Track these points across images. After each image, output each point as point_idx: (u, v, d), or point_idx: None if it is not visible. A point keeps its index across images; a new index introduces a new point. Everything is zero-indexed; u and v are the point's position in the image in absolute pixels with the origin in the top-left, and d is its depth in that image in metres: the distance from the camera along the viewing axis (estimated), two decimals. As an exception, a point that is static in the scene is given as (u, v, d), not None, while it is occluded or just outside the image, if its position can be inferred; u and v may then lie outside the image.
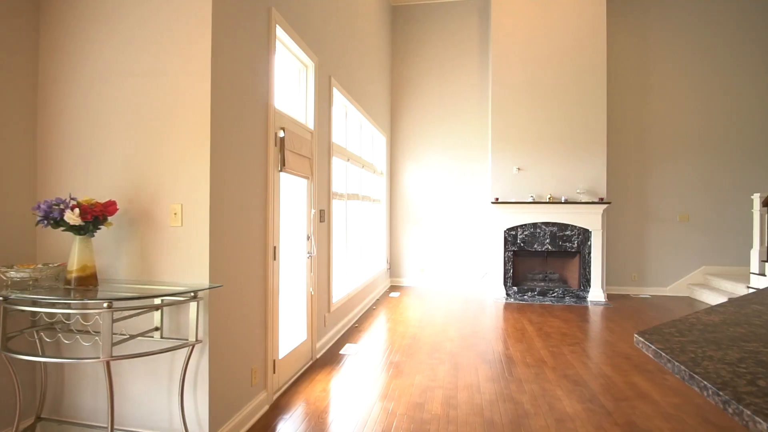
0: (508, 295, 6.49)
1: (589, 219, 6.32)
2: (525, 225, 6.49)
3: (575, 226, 6.37)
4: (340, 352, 3.89)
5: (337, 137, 4.45)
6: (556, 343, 4.20)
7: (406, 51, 7.33)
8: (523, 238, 6.50)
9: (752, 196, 5.76)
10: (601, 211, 6.28)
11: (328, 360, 3.69)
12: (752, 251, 5.62)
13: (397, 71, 7.35)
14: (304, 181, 3.48)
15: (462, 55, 7.18)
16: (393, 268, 7.38)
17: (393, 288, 7.02)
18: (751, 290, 5.56)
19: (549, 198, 6.38)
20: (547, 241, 6.44)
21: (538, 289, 6.50)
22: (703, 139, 6.67)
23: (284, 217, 3.14)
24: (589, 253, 6.36)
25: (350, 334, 4.47)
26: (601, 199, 6.31)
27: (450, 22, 7.21)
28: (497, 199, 6.51)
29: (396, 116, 7.37)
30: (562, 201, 6.32)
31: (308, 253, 3.52)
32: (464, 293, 6.70)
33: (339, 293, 4.50)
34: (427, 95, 7.28)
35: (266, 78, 2.73)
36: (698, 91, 6.68)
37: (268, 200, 2.75)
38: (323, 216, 3.88)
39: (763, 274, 5.43)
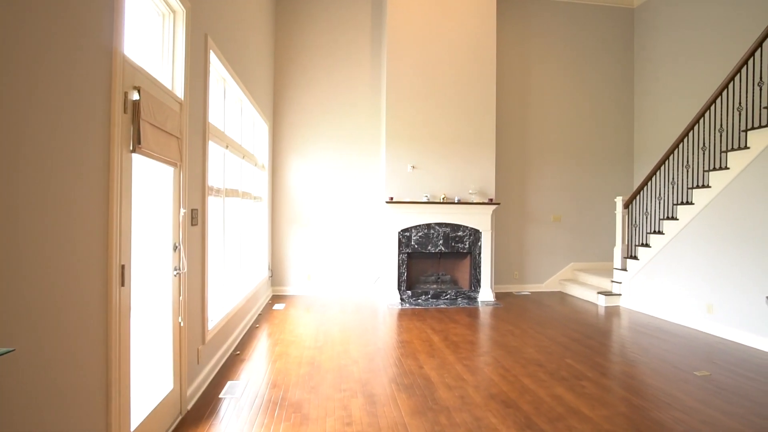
0: (402, 300, 6.13)
1: (480, 219, 6.31)
2: (419, 226, 6.21)
3: (467, 227, 6.31)
4: (220, 395, 2.97)
5: (214, 117, 3.48)
6: (467, 355, 3.89)
7: (291, 34, 6.47)
8: (417, 239, 6.21)
9: (615, 199, 6.35)
10: (491, 212, 6.33)
11: (203, 410, 2.75)
12: (615, 249, 6.19)
13: (282, 54, 6.46)
14: (170, 170, 2.50)
15: (353, 45, 6.61)
16: (276, 276, 6.47)
17: (276, 299, 6.12)
18: (614, 284, 6.11)
19: (443, 198, 6.20)
20: (441, 242, 6.26)
21: (431, 291, 6.28)
22: (572, 146, 7.23)
23: (139, 221, 2.16)
24: (480, 253, 6.36)
25: (231, 366, 3.54)
26: (491, 200, 6.36)
27: (341, 10, 6.58)
28: (391, 198, 6.11)
29: (280, 103, 6.47)
30: (456, 201, 6.20)
31: (175, 269, 2.55)
32: (357, 300, 6.15)
33: (216, 316, 3.53)
34: (315, 84, 6.53)
35: (110, 9, 1.76)
36: (567, 102, 7.21)
37: (112, 196, 1.78)
38: (196, 217, 2.91)
39: (625, 269, 5.99)
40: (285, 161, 6.49)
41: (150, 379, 2.35)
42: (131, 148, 1.96)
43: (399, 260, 6.17)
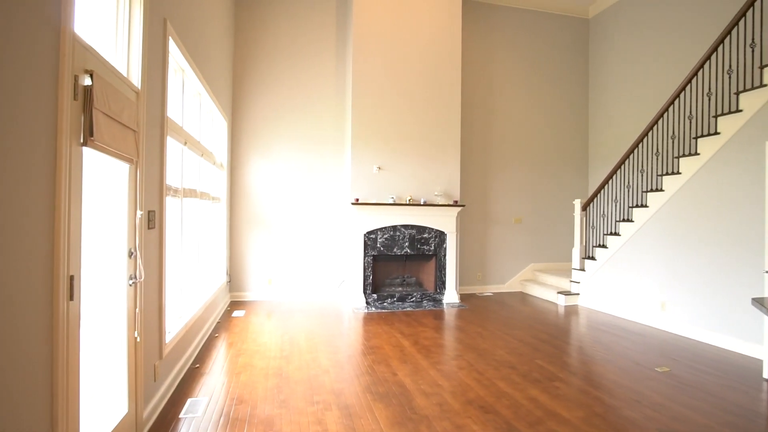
0: (368, 303, 6.01)
1: (445, 221, 6.31)
2: (385, 228, 6.11)
3: (433, 229, 6.29)
4: (180, 415, 2.71)
5: (172, 110, 3.19)
6: (440, 359, 3.83)
7: (252, 28, 6.17)
8: (383, 241, 6.11)
9: (574, 202, 6.55)
10: (456, 214, 6.34)
11: (162, 433, 2.49)
12: (573, 249, 6.38)
13: (242, 49, 6.14)
14: (125, 167, 2.24)
15: (317, 45, 6.41)
16: (234, 282, 6.14)
17: (235, 305, 5.80)
18: (573, 284, 6.30)
19: (409, 200, 6.14)
20: (407, 244, 6.20)
21: (397, 294, 6.19)
22: (532, 150, 7.40)
23: (90, 225, 1.90)
24: (445, 255, 6.35)
25: (190, 381, 3.26)
26: (456, 202, 6.38)
27: (304, 9, 6.36)
28: (357, 200, 5.97)
29: (239, 99, 6.15)
30: (422, 203, 6.16)
31: (131, 278, 2.28)
32: (321, 305, 5.95)
33: (174, 327, 3.24)
34: (277, 82, 6.27)
35: (56, -25, 1.52)
36: (527, 107, 7.38)
37: (60, 196, 1.54)
38: (153, 220, 2.64)
39: (583, 270, 6.19)
40: (245, 160, 6.17)
41: (102, 404, 2.08)
42: (82, 141, 1.71)
43: (364, 263, 6.04)
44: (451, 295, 6.31)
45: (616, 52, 7.03)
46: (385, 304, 6.07)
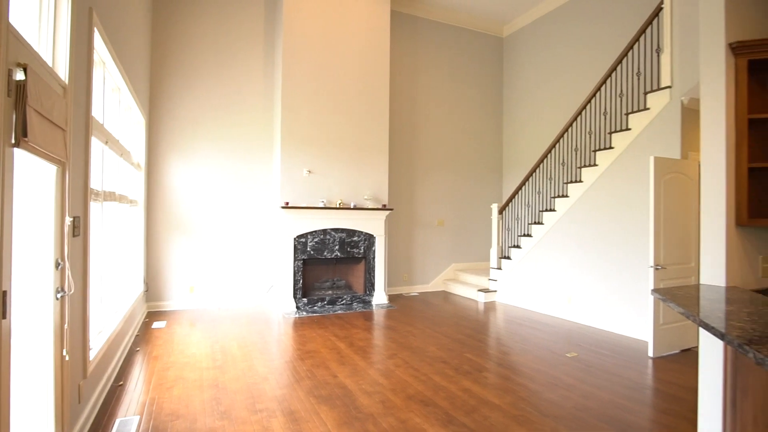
0: (298, 308, 5.95)
1: (374, 225, 6.47)
2: (316, 231, 6.11)
3: (362, 232, 6.41)
4: (110, 436, 2.52)
5: (94, 106, 2.93)
6: (377, 359, 3.95)
7: (172, 21, 5.79)
8: (314, 245, 6.10)
9: (491, 206, 7.09)
10: (384, 217, 6.53)
11: (91, 458, 2.30)
12: (491, 250, 6.91)
13: (161, 42, 5.74)
14: (52, 169, 2.04)
15: (245, 44, 6.21)
16: (152, 291, 5.71)
17: (154, 316, 5.40)
18: (491, 282, 6.81)
19: (339, 203, 6.20)
20: (337, 247, 6.25)
21: (327, 298, 6.22)
22: (453, 157, 7.86)
23: (20, 234, 1.72)
24: (374, 258, 6.51)
25: (116, 400, 3.01)
26: (384, 205, 6.57)
27: (230, 5, 6.14)
28: (287, 203, 5.89)
29: (158, 95, 5.74)
30: (352, 207, 6.25)
31: (59, 291, 2.08)
32: (249, 311, 5.77)
33: (96, 343, 2.97)
34: (201, 79, 5.96)
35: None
36: (448, 116, 7.83)
37: (-5, 201, 1.39)
38: (78, 227, 2.42)
39: (500, 268, 6.73)
40: (164, 160, 5.78)
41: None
42: (14, 142, 1.55)
43: (294, 267, 5.98)
44: (380, 297, 6.48)
45: (527, 69, 7.74)
46: (315, 307, 6.06)
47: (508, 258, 6.56)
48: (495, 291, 6.73)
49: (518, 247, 6.39)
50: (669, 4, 4.48)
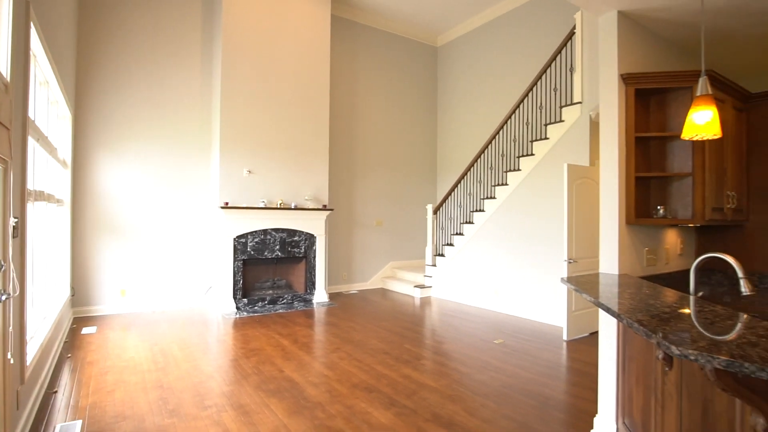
0: (238, 308, 5.93)
1: (315, 225, 6.60)
2: (256, 232, 6.12)
3: (303, 232, 6.51)
4: (51, 441, 2.47)
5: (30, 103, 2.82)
6: (321, 353, 4.12)
7: (102, 10, 5.50)
8: (254, 245, 6.11)
9: (426, 206, 7.50)
10: (325, 217, 6.68)
11: (33, 463, 2.26)
12: (426, 248, 7.31)
13: (91, 33, 5.43)
14: (-4, 169, 2.00)
15: (181, 39, 6.04)
16: (79, 295, 5.40)
17: (82, 321, 5.12)
18: (427, 278, 7.22)
19: (280, 204, 6.25)
20: (277, 247, 6.30)
21: (268, 297, 6.25)
22: (391, 159, 8.19)
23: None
24: (314, 257, 6.64)
25: (52, 407, 2.91)
26: (325, 206, 6.72)
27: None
28: (227, 203, 5.85)
29: (85, 89, 5.43)
30: (292, 207, 6.33)
31: (2, 293, 2.04)
32: (187, 314, 5.65)
33: (31, 348, 2.86)
34: (132, 73, 5.72)
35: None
36: (386, 120, 8.15)
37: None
38: (16, 228, 2.36)
39: (435, 265, 7.15)
40: (92, 158, 5.48)
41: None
42: (-32, 143, 1.55)
43: (234, 267, 5.94)
44: (320, 295, 6.62)
45: (459, 77, 8.26)
46: (256, 307, 6.07)
47: (442, 255, 6.99)
48: (430, 287, 7.14)
49: (451, 245, 6.85)
50: (580, 30, 5.11)
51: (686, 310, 1.72)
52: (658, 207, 2.72)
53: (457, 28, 8.17)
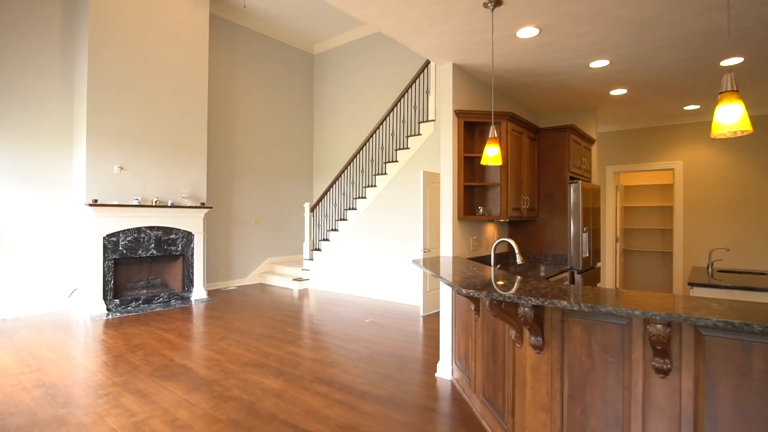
0: (109, 309, 5.74)
1: (193, 222, 6.65)
2: (129, 230, 5.97)
3: (180, 230, 6.52)
4: (-68, 442, 2.45)
5: None
6: (209, 343, 4.42)
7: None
8: (126, 244, 5.95)
9: (304, 205, 8.04)
10: (203, 215, 6.77)
11: None
12: (304, 244, 7.87)
13: None
14: None
15: (37, 29, 5.56)
16: None
17: None
18: (304, 272, 7.78)
19: (155, 201, 6.18)
20: (152, 246, 6.22)
21: (142, 297, 6.14)
22: (269, 160, 8.51)
23: None
24: (192, 254, 6.69)
25: None
26: (203, 203, 6.80)
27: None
28: (95, 201, 5.61)
29: None
30: (169, 205, 6.31)
31: None
32: (49, 318, 5.28)
33: None
34: (-29, 50, 5.11)
35: None
36: (265, 121, 8.45)
37: None
38: None
39: (312, 260, 7.75)
40: None
41: None
42: None
43: (104, 267, 5.72)
44: (199, 292, 6.70)
45: (334, 85, 8.96)
46: (129, 308, 5.93)
47: (319, 250, 7.62)
48: (308, 279, 7.71)
49: (327, 240, 7.51)
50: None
51: (487, 275, 2.65)
52: (479, 207, 3.76)
53: (332, 40, 8.84)
